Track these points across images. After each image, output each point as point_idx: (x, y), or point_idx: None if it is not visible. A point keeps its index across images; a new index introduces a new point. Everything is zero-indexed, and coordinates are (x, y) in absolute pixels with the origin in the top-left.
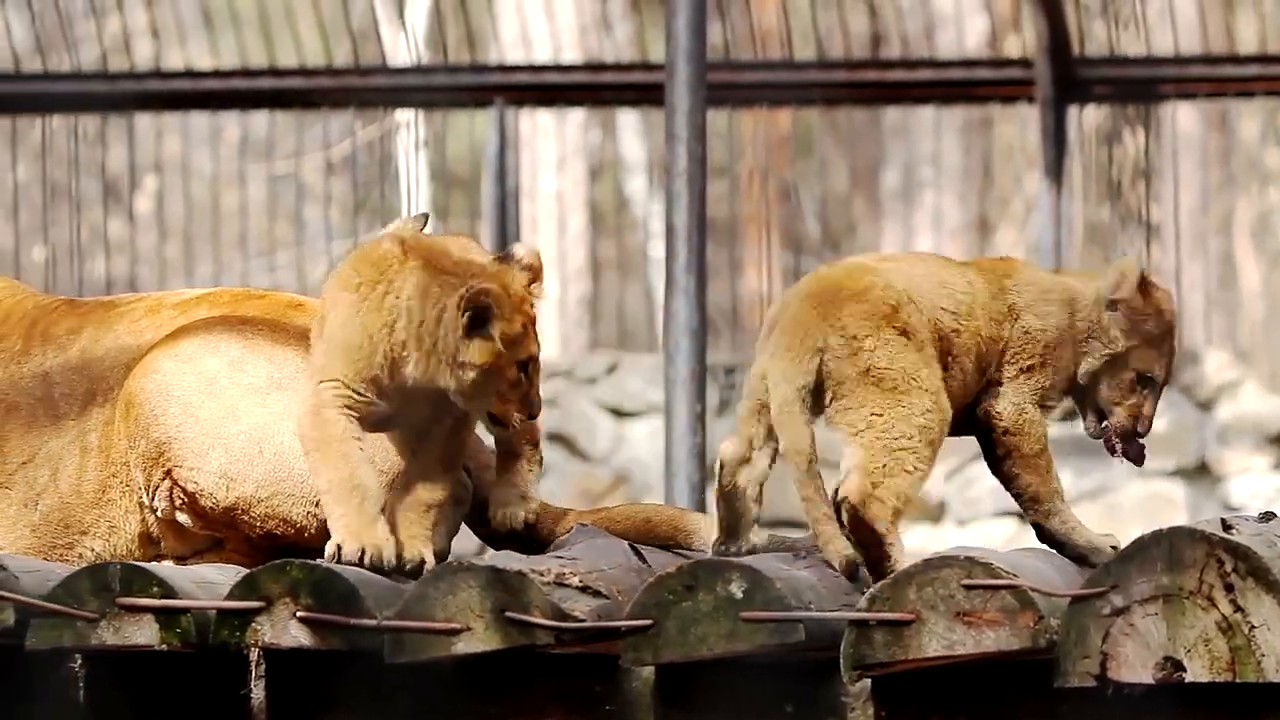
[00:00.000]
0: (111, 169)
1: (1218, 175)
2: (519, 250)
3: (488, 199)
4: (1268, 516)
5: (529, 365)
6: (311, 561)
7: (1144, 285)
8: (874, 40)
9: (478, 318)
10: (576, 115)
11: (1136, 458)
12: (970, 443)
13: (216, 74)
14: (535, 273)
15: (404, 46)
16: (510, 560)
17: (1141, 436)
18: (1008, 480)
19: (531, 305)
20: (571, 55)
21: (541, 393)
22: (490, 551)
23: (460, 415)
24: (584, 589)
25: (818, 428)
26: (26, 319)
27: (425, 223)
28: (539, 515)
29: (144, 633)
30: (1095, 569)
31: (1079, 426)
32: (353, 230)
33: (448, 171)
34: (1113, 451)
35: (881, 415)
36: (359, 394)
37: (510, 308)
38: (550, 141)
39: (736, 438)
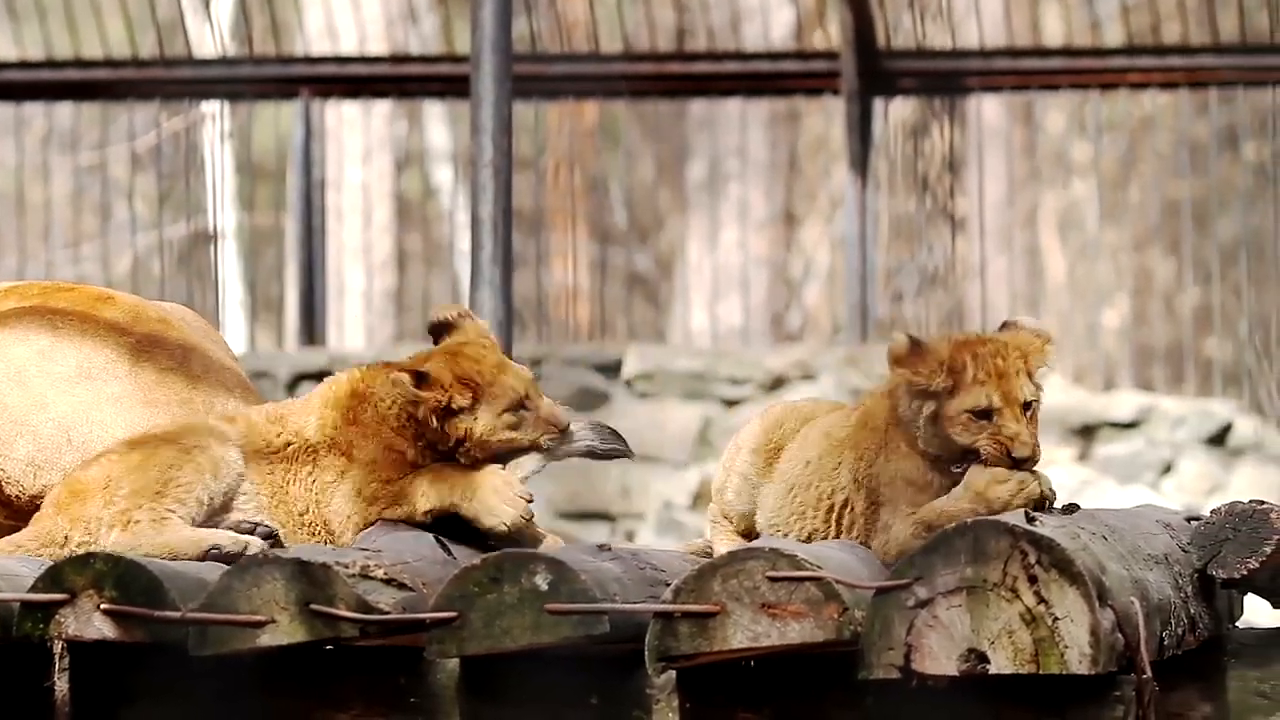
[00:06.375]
0: None
1: (1023, 168)
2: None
3: (293, 190)
4: (1071, 509)
5: None
6: (116, 554)
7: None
8: (680, 33)
9: None
10: (382, 107)
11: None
12: None
13: (21, 65)
14: None
15: (210, 38)
16: (315, 553)
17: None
18: None
19: None
20: (377, 47)
21: None
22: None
23: None
24: (389, 581)
25: None
26: None
27: None
28: None
29: None
30: (900, 561)
31: None
32: (158, 222)
33: (253, 163)
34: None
35: None
36: None
37: None
38: (356, 133)
39: None
